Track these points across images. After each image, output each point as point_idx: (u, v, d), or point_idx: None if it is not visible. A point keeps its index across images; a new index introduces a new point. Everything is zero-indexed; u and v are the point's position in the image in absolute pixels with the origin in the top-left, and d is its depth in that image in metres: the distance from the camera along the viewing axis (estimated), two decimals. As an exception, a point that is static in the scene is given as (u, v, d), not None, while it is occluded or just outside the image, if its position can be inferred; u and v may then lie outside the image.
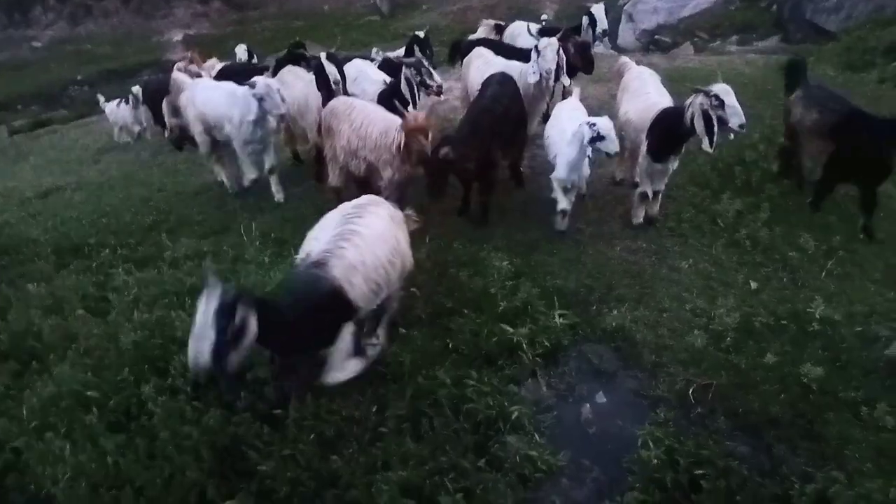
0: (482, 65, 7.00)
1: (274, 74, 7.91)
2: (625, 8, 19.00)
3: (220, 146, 7.09)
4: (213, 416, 3.59)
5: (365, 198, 4.09)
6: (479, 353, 4.13)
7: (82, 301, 5.08)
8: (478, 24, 10.67)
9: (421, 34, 8.83)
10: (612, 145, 4.91)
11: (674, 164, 5.38)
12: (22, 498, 3.54)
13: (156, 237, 6.20)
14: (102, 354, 4.20)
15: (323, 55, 6.72)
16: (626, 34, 18.49)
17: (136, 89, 11.35)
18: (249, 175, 6.83)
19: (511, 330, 4.12)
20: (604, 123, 4.90)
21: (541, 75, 6.24)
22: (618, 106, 5.93)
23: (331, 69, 6.51)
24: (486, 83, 5.91)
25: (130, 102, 11.44)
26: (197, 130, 7.03)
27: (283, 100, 6.18)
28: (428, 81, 6.17)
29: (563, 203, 5.39)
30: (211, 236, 6.19)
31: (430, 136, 5.13)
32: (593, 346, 4.23)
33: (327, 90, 6.54)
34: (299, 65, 7.95)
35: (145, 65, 26.34)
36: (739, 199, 5.79)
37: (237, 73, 9.76)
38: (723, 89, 4.71)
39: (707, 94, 4.70)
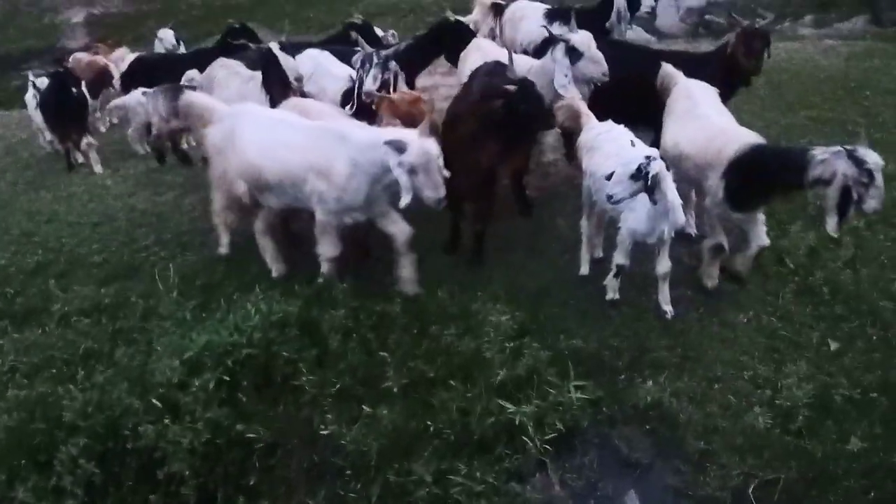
0: (480, 59, 7.14)
1: (202, 69, 8.05)
2: (669, -18, 19.43)
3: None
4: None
5: None
6: (469, 438, 4.15)
7: (-62, 372, 5.07)
8: (471, 2, 10.88)
9: (358, 20, 9.15)
10: None
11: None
12: None
13: (41, 284, 6.23)
14: (-36, 444, 4.19)
15: (274, 44, 6.86)
16: (667, 13, 18.82)
17: (41, 81, 11.04)
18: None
19: (512, 407, 4.14)
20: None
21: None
22: (663, 134, 5.81)
23: (288, 61, 6.64)
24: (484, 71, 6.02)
25: (31, 96, 10.96)
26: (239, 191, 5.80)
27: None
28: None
29: (622, 256, 5.10)
30: (114, 282, 6.20)
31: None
32: (621, 428, 4.24)
33: (281, 89, 6.65)
34: (236, 56, 8.11)
35: (35, 52, 26.53)
36: (814, 232, 5.87)
37: (154, 67, 9.97)
38: (875, 162, 4.57)
39: (860, 162, 4.65)
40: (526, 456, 4.03)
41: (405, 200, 4.82)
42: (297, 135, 5.40)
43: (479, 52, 7.35)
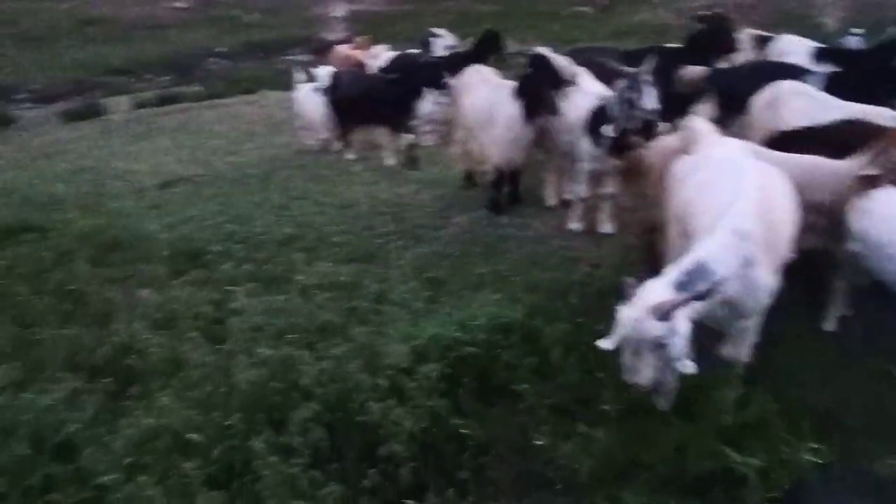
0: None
1: (451, 72, 8.32)
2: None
3: None
4: (333, 494, 3.77)
5: None
6: (682, 476, 4.00)
7: (195, 320, 5.56)
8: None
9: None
10: None
11: None
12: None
13: (288, 255, 6.68)
14: (212, 390, 4.55)
15: (544, 48, 7.02)
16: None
17: (324, 72, 10.89)
18: None
19: (738, 457, 3.94)
20: None
21: None
22: None
23: (561, 62, 6.82)
24: None
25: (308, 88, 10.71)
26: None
27: None
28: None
29: None
30: (352, 263, 6.55)
31: None
32: (851, 499, 3.93)
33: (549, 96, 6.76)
34: (487, 62, 8.34)
35: (297, 41, 28.58)
36: None
37: (412, 68, 10.40)
38: None
39: None
40: (744, 506, 3.84)
41: None
42: None
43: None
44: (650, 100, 6.25)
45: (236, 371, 4.64)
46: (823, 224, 5.06)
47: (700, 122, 5.29)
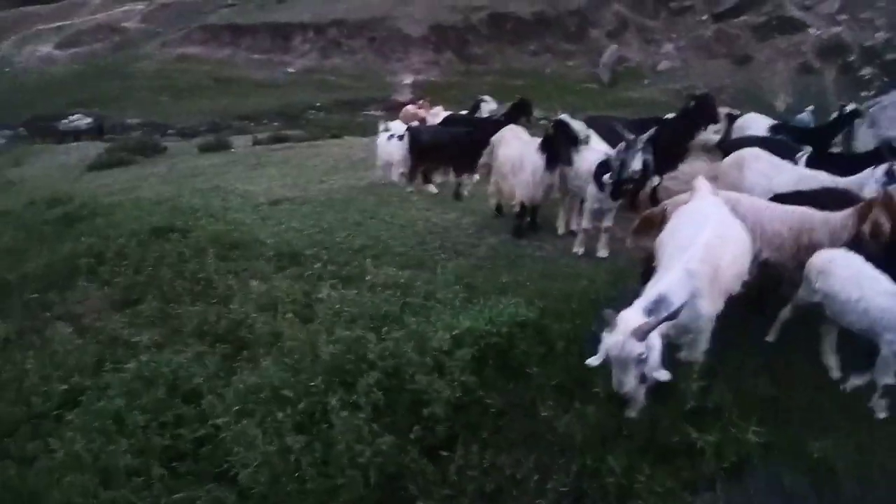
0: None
1: (492, 131, 8.32)
2: (870, 110, 17.43)
3: None
4: (387, 442, 3.77)
5: None
6: (654, 446, 3.93)
7: (292, 304, 5.60)
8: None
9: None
10: None
11: None
12: (211, 471, 3.94)
13: (361, 260, 6.69)
14: (301, 358, 4.58)
15: (564, 115, 7.01)
16: (864, 139, 16.91)
17: (396, 125, 11.02)
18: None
19: (696, 434, 3.86)
20: None
21: None
22: None
23: (578, 125, 6.81)
24: None
25: (385, 136, 10.78)
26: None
27: None
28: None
29: (890, 377, 4.16)
30: (407, 268, 6.55)
31: None
32: (789, 473, 3.82)
33: (568, 149, 6.78)
34: (519, 123, 8.33)
35: (376, 100, 28.90)
36: None
37: (459, 123, 10.46)
38: None
39: None
40: (701, 473, 3.74)
41: None
42: None
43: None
44: (637, 163, 6.27)
45: (320, 345, 4.66)
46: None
47: (702, 181, 5.17)
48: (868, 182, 5.67)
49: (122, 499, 3.74)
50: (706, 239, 4.16)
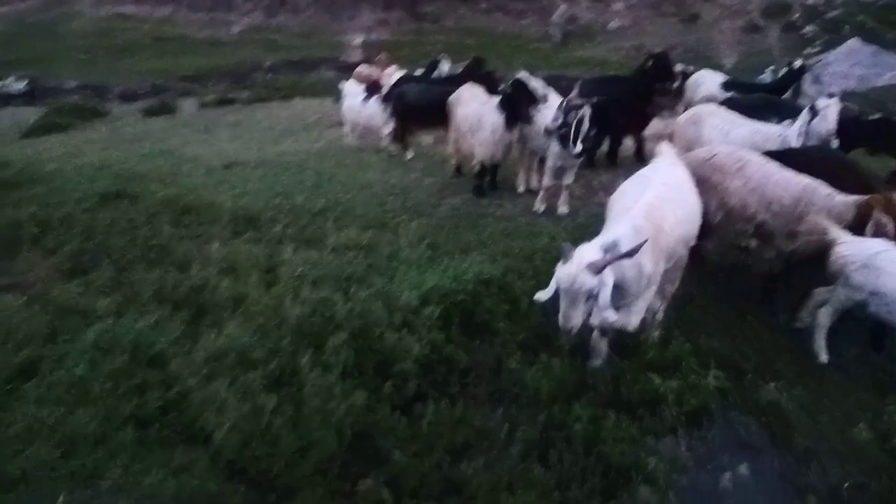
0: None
1: (451, 92, 8.23)
2: (813, 68, 17.93)
3: None
4: (359, 398, 3.80)
5: None
6: (619, 397, 4.07)
7: (254, 268, 5.51)
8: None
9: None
10: None
11: None
12: (180, 436, 3.90)
13: (321, 222, 6.62)
14: (266, 321, 4.55)
15: (523, 73, 6.98)
16: (809, 94, 17.43)
17: (350, 86, 10.66)
18: None
19: (659, 381, 4.02)
20: None
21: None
22: None
23: (536, 84, 6.74)
24: None
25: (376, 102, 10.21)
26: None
27: None
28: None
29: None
30: (370, 230, 6.51)
31: None
32: (743, 417, 4.02)
33: (527, 107, 6.74)
34: (478, 82, 8.25)
35: (325, 60, 28.16)
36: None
37: (417, 83, 10.29)
38: None
39: None
40: (663, 420, 3.90)
41: None
42: None
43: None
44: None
45: (286, 307, 4.63)
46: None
47: (665, 145, 5.17)
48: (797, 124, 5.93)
49: (86, 468, 3.67)
50: (648, 199, 4.19)
